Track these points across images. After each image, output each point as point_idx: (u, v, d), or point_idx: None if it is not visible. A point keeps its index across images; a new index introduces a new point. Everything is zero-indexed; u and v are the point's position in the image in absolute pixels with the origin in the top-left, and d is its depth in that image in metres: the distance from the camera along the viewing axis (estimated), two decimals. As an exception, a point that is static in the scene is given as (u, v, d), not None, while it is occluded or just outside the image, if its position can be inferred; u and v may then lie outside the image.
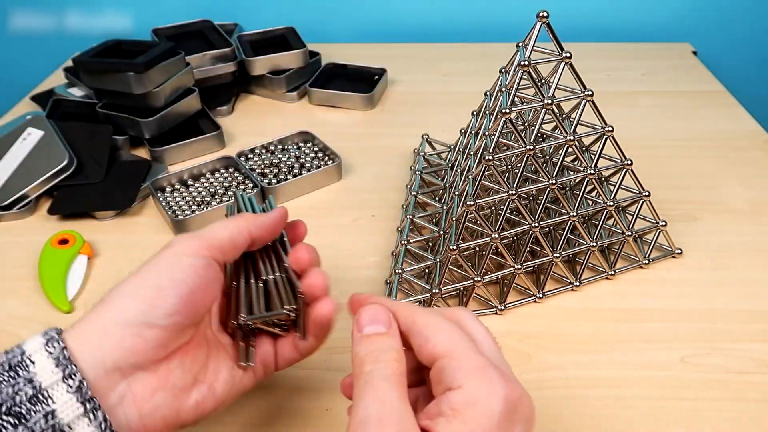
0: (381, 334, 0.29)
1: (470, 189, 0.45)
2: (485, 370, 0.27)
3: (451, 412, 0.26)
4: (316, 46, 0.85)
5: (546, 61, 0.45)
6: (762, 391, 0.41)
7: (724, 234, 0.55)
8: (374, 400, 0.26)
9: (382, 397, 0.26)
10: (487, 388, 0.26)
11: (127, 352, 0.29)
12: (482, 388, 0.26)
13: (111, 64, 0.66)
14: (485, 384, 0.26)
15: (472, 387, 0.26)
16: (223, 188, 0.61)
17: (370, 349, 0.29)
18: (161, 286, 0.30)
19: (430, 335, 0.28)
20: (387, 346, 0.29)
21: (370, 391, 0.27)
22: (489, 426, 0.25)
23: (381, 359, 0.28)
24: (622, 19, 0.96)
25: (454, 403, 0.26)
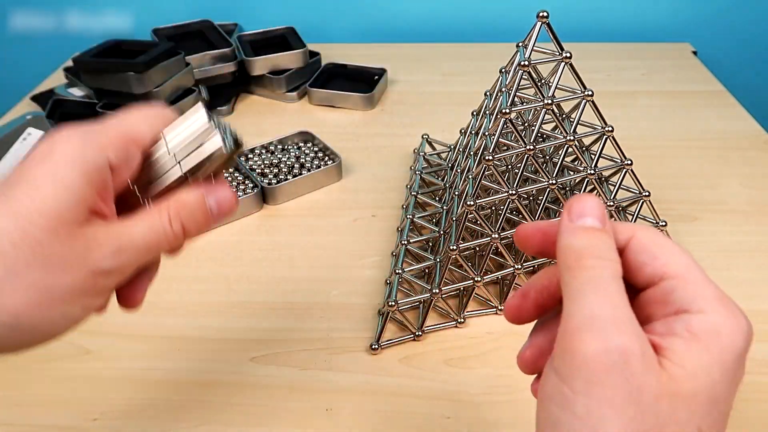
0: (600, 229, 0.25)
1: (470, 189, 0.45)
2: (729, 302, 0.24)
3: (689, 335, 0.23)
4: (316, 46, 0.85)
5: (546, 61, 0.45)
6: (762, 391, 0.41)
7: (724, 234, 0.55)
8: (606, 298, 0.23)
9: (616, 299, 0.23)
10: (732, 320, 0.23)
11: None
12: (729, 319, 0.23)
13: (111, 64, 0.66)
14: (732, 316, 0.23)
15: (718, 316, 0.23)
16: (223, 188, 0.61)
17: (590, 244, 0.24)
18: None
19: (658, 253, 0.25)
20: (607, 244, 0.25)
21: (600, 288, 0.23)
22: (732, 360, 0.23)
23: (606, 257, 0.24)
24: (622, 19, 0.96)
25: (695, 327, 0.23)
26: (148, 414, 0.40)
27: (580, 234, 0.25)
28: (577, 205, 0.26)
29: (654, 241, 0.25)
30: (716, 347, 0.23)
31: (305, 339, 0.46)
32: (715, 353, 0.23)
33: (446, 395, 0.41)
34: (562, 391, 0.22)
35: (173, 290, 0.50)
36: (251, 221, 0.58)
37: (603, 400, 0.21)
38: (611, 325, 0.22)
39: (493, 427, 0.39)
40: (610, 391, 0.21)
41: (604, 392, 0.21)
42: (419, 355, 0.45)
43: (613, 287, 0.23)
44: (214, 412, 0.41)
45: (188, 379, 0.43)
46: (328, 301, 0.49)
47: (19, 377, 0.43)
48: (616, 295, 0.23)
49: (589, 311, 0.23)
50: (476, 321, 0.47)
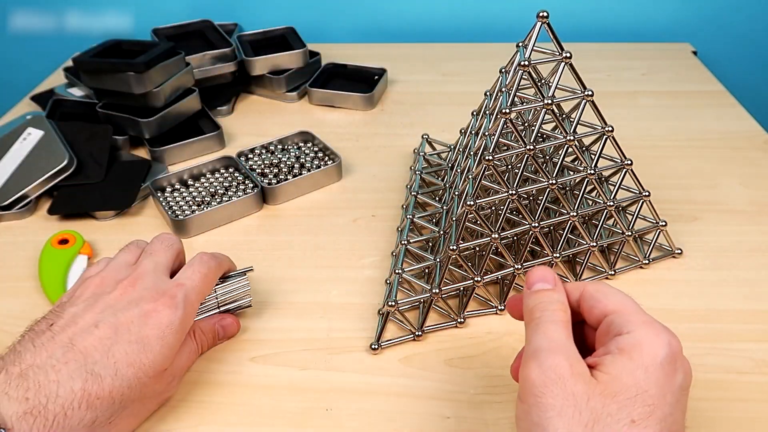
0: (548, 289, 0.34)
1: (470, 189, 0.45)
2: (653, 323, 0.31)
3: (617, 350, 0.30)
4: (316, 46, 0.85)
5: (546, 61, 0.45)
6: (762, 391, 0.41)
7: (724, 234, 0.55)
8: (544, 336, 0.31)
9: (551, 335, 0.31)
10: (654, 335, 0.30)
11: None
12: (650, 334, 0.30)
13: (111, 64, 0.66)
14: (653, 332, 0.30)
15: (641, 333, 0.30)
16: (223, 188, 0.61)
17: (539, 301, 0.33)
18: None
19: (601, 297, 0.33)
20: (554, 299, 0.33)
21: (540, 330, 0.31)
22: (653, 364, 0.29)
23: (548, 308, 0.33)
24: (622, 19, 0.96)
25: (622, 344, 0.30)
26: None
27: (533, 296, 0.34)
28: (532, 276, 0.34)
29: (598, 289, 0.33)
30: (638, 356, 0.29)
31: (305, 339, 0.46)
32: (637, 360, 0.29)
33: (446, 395, 0.41)
34: (523, 409, 0.30)
35: (173, 290, 0.50)
36: (251, 221, 0.58)
37: (548, 407, 0.28)
38: (546, 353, 0.30)
39: (493, 427, 0.39)
40: (551, 399, 0.28)
41: (548, 401, 0.28)
42: (419, 355, 0.45)
43: (552, 327, 0.31)
44: (214, 412, 0.41)
45: (188, 379, 0.43)
46: (328, 301, 0.49)
47: None
48: (554, 331, 0.31)
49: (533, 346, 0.31)
50: (476, 321, 0.47)
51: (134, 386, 0.35)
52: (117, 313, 0.37)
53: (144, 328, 0.37)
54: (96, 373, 0.34)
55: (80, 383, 0.33)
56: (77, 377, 0.33)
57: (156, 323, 0.37)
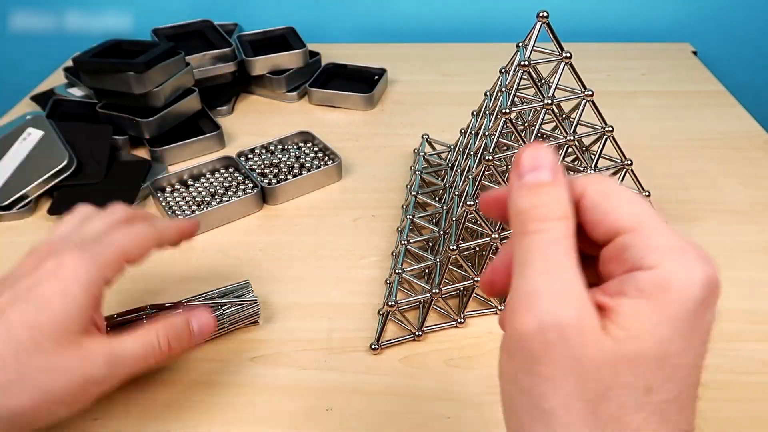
0: (547, 183, 0.23)
1: (470, 189, 0.45)
2: (683, 249, 0.22)
3: (637, 293, 0.22)
4: (316, 46, 0.85)
5: (546, 61, 0.45)
6: (762, 391, 0.41)
7: (724, 234, 0.55)
8: (543, 270, 0.22)
9: (553, 268, 0.22)
10: (686, 270, 0.22)
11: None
12: (680, 270, 0.21)
13: (111, 64, 0.66)
14: (684, 266, 0.22)
15: (669, 268, 0.21)
16: (223, 188, 0.61)
17: (535, 203, 0.23)
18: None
19: (609, 207, 0.23)
20: (555, 200, 0.23)
21: (538, 258, 0.22)
22: (683, 315, 0.21)
23: (549, 219, 0.23)
24: (622, 19, 0.96)
25: (644, 284, 0.21)
26: (148, 414, 0.40)
27: (526, 193, 0.23)
28: (525, 158, 0.24)
29: (605, 194, 0.23)
30: (664, 303, 0.21)
31: (305, 339, 0.46)
32: (663, 310, 0.21)
33: (446, 395, 0.41)
34: (509, 369, 0.23)
35: (173, 290, 0.50)
36: (251, 221, 0.58)
37: (542, 377, 0.21)
38: (547, 301, 0.21)
39: (494, 427, 0.39)
40: (549, 368, 0.21)
41: (544, 369, 0.21)
42: (419, 355, 0.45)
43: (554, 254, 0.22)
44: (214, 412, 0.41)
45: (188, 379, 0.43)
46: (328, 301, 0.49)
47: (19, 377, 0.43)
48: (559, 263, 0.22)
49: (527, 287, 0.22)
50: (476, 321, 0.47)
51: (30, 350, 0.31)
52: (20, 279, 0.33)
53: (43, 284, 0.32)
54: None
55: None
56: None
57: (58, 277, 0.32)
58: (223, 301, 0.45)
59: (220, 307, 0.44)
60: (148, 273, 0.52)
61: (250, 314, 0.46)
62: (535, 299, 0.22)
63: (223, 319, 0.44)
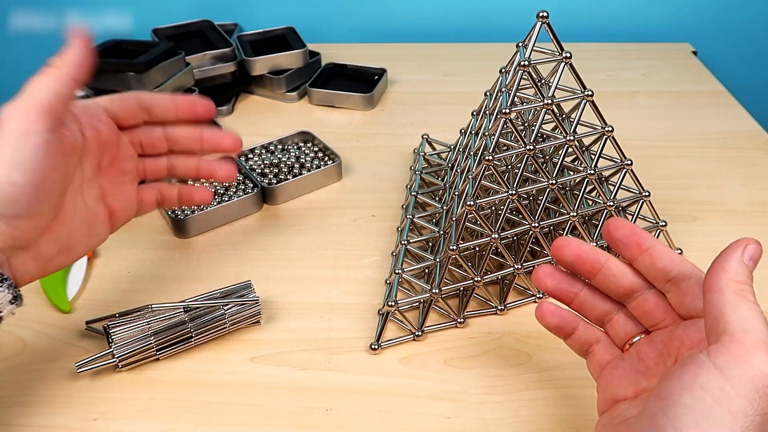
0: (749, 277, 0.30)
1: (470, 189, 0.45)
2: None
3: None
4: (316, 46, 0.85)
5: (546, 61, 0.45)
6: (762, 391, 0.41)
7: (724, 234, 0.55)
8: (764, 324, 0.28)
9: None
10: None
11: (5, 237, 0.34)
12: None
13: (111, 64, 0.66)
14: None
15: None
16: (223, 188, 0.61)
17: (750, 282, 0.30)
18: (14, 181, 0.34)
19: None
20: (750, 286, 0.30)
21: (764, 319, 0.28)
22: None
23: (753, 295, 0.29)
24: (622, 19, 0.96)
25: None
26: (148, 414, 0.40)
27: (748, 272, 0.30)
28: (758, 248, 0.32)
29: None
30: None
31: (305, 339, 0.46)
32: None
33: (446, 395, 0.41)
34: (723, 388, 0.26)
35: (173, 290, 0.50)
36: (251, 221, 0.58)
37: (759, 410, 0.25)
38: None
39: (493, 427, 0.39)
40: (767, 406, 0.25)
41: (764, 405, 0.25)
42: (419, 355, 0.45)
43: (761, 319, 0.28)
44: (214, 412, 0.41)
45: (188, 379, 0.43)
46: (328, 301, 0.49)
47: (19, 377, 0.43)
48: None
49: (764, 337, 0.27)
50: (476, 321, 0.47)
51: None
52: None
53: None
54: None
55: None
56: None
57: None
58: (225, 301, 0.45)
59: (222, 307, 0.44)
60: (147, 273, 0.52)
61: (252, 314, 0.46)
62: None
63: (224, 319, 0.44)
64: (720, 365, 0.26)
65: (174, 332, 0.43)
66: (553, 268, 0.37)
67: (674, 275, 0.34)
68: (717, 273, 0.30)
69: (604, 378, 0.35)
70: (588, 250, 0.36)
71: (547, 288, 0.37)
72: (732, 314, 0.28)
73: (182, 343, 0.44)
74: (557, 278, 0.37)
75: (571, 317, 0.37)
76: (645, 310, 0.35)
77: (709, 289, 0.29)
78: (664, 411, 0.27)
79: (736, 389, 0.26)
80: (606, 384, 0.35)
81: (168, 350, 0.44)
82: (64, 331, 0.46)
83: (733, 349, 0.27)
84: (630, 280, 0.35)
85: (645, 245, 0.35)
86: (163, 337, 0.43)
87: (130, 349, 0.42)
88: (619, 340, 0.36)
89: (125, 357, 0.42)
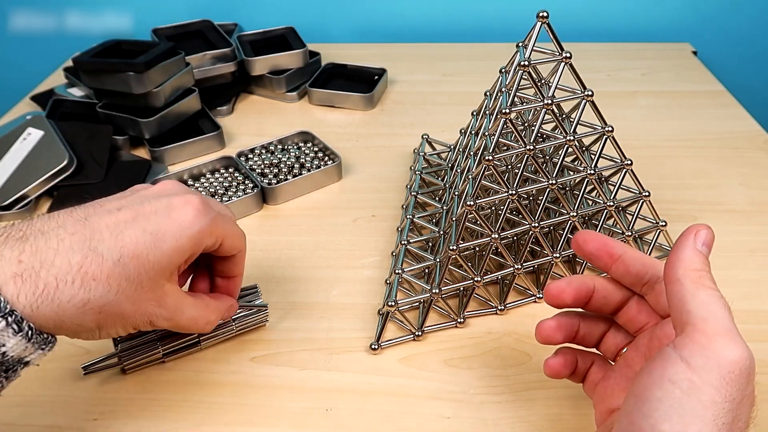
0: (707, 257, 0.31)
1: (470, 189, 0.45)
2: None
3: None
4: (316, 46, 0.85)
5: (546, 61, 0.45)
6: (762, 391, 0.41)
7: (724, 234, 0.55)
8: (730, 318, 0.28)
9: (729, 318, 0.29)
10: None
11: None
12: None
13: (111, 64, 0.66)
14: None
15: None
16: (223, 188, 0.61)
17: (707, 268, 0.30)
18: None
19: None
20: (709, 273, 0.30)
21: (723, 305, 0.28)
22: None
23: (713, 282, 0.30)
24: (622, 19, 0.96)
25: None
26: (148, 414, 0.40)
27: (702, 258, 0.30)
28: (708, 234, 0.31)
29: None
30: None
31: (305, 339, 0.46)
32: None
33: (446, 395, 0.41)
34: (690, 379, 0.26)
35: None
36: (251, 221, 0.58)
37: (728, 397, 0.26)
38: (742, 340, 0.27)
39: (493, 427, 0.39)
40: (736, 392, 0.26)
41: (731, 391, 0.26)
42: (419, 355, 0.45)
43: (725, 307, 0.28)
44: (214, 412, 0.41)
45: (188, 379, 0.43)
46: (328, 301, 0.49)
47: (19, 377, 0.43)
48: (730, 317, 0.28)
49: (725, 323, 0.27)
50: (476, 321, 0.47)
51: (132, 279, 0.33)
52: (144, 201, 0.35)
53: (164, 220, 0.34)
54: (99, 252, 0.31)
55: (79, 257, 0.31)
56: (78, 251, 0.31)
57: (177, 219, 0.34)
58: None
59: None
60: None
61: (260, 320, 0.46)
62: (736, 336, 0.27)
63: (231, 325, 0.45)
64: (685, 356, 0.27)
65: (181, 337, 0.43)
66: (554, 321, 0.36)
67: (649, 278, 0.34)
68: (673, 264, 0.30)
69: (598, 392, 0.35)
70: (606, 240, 0.36)
71: (558, 340, 0.36)
72: (692, 303, 0.28)
73: (189, 348, 0.44)
74: (562, 326, 0.36)
75: (573, 358, 0.37)
76: (630, 317, 0.35)
77: (669, 281, 0.30)
78: (639, 407, 0.27)
79: (702, 379, 0.26)
80: (600, 397, 0.35)
81: (174, 355, 0.44)
82: (64, 331, 0.46)
83: (696, 339, 0.27)
84: (619, 295, 0.36)
85: (616, 254, 0.35)
86: (170, 342, 0.43)
87: (136, 356, 0.42)
88: (610, 354, 0.37)
89: (131, 362, 0.42)
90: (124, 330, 0.35)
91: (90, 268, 0.31)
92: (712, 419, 0.25)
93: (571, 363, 0.36)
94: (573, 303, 0.36)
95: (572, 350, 0.37)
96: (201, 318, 0.39)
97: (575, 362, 0.36)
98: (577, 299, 0.36)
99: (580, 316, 0.37)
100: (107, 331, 0.34)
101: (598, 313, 0.37)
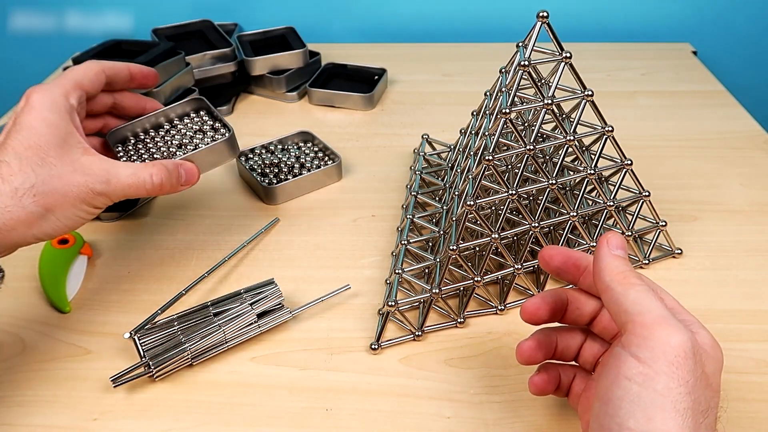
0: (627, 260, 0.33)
1: (470, 189, 0.45)
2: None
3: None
4: (316, 46, 0.85)
5: (546, 61, 0.45)
6: (762, 391, 0.41)
7: (724, 234, 0.55)
8: (662, 305, 0.29)
9: (670, 303, 0.32)
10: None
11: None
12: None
13: (111, 64, 0.66)
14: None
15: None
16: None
17: (627, 268, 0.32)
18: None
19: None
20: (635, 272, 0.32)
21: (654, 297, 0.30)
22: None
23: (642, 280, 0.31)
24: (622, 19, 0.96)
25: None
26: (148, 414, 0.40)
27: (620, 260, 0.32)
28: (615, 239, 0.33)
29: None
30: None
31: (305, 339, 0.46)
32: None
33: (446, 395, 0.41)
34: (643, 372, 0.27)
35: (173, 290, 0.50)
36: (251, 221, 0.58)
37: (681, 381, 0.27)
38: (680, 324, 0.28)
39: (493, 427, 0.39)
40: (687, 374, 0.27)
41: (683, 374, 0.27)
42: (419, 355, 0.45)
43: (659, 302, 0.30)
44: (214, 412, 0.41)
45: (188, 379, 0.43)
46: (328, 301, 0.49)
47: (19, 377, 0.43)
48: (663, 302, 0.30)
49: (660, 312, 0.29)
50: (476, 321, 0.47)
51: (40, 164, 0.38)
52: (5, 125, 0.41)
53: (22, 116, 0.40)
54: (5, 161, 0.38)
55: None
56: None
57: (31, 109, 0.40)
58: (260, 319, 0.45)
59: (249, 305, 0.45)
60: (147, 273, 0.52)
61: (281, 316, 0.46)
62: (673, 321, 0.28)
63: (257, 322, 0.45)
64: (634, 352, 0.28)
65: (206, 336, 0.43)
66: (533, 341, 0.37)
67: None
68: (599, 275, 0.32)
69: (582, 404, 0.36)
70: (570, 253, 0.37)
71: (539, 359, 0.37)
72: (626, 303, 0.30)
73: (215, 349, 0.44)
74: (541, 343, 0.37)
75: (555, 373, 0.37)
76: (604, 325, 0.36)
77: (601, 291, 0.31)
78: (604, 410, 0.28)
79: (653, 369, 0.27)
80: (584, 408, 0.35)
81: (201, 357, 0.43)
82: (64, 331, 0.46)
83: (638, 333, 0.28)
84: (591, 304, 0.36)
85: (582, 265, 0.36)
86: (197, 342, 0.43)
87: (166, 362, 0.42)
88: (589, 366, 0.37)
89: (161, 368, 0.42)
90: (79, 209, 0.39)
91: (3, 170, 0.37)
92: (672, 406, 0.26)
93: (555, 378, 0.37)
94: (550, 318, 0.36)
95: (554, 365, 0.37)
96: (141, 171, 0.42)
97: (558, 377, 0.37)
98: (553, 314, 0.36)
99: (557, 331, 0.37)
100: (64, 214, 0.39)
101: (574, 325, 0.37)
